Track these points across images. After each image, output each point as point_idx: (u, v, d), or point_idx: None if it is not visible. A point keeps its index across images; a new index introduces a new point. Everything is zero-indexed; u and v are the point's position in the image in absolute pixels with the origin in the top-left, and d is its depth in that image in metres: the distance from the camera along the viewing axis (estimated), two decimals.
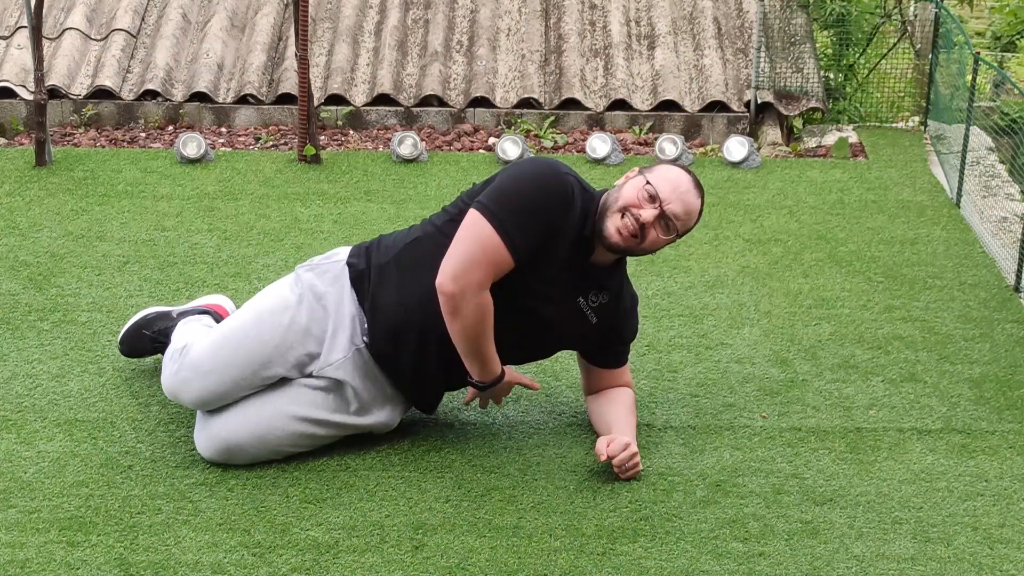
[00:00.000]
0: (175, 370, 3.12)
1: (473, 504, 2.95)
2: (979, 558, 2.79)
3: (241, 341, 3.06)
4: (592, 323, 3.13)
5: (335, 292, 3.09)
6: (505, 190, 2.93)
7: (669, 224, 2.99)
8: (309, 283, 3.11)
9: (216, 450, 3.06)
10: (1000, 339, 3.96)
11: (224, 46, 6.73)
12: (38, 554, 2.72)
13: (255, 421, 3.04)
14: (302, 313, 3.07)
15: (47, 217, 4.89)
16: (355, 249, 3.19)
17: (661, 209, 2.96)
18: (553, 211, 2.93)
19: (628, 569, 2.71)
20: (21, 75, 6.45)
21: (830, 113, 6.67)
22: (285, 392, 3.08)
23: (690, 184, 3.02)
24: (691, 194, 3.01)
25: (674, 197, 2.98)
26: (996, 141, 6.20)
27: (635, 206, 2.96)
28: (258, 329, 3.06)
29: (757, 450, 3.24)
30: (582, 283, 3.08)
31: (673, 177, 3.01)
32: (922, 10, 7.16)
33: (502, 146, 5.72)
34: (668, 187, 2.98)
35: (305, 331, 3.06)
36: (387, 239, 3.18)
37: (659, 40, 6.78)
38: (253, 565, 2.70)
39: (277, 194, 5.25)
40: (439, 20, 6.91)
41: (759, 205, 5.23)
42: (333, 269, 3.14)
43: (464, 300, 2.89)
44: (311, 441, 3.11)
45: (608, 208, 2.99)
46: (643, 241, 2.99)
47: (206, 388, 3.05)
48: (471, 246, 2.89)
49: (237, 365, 3.04)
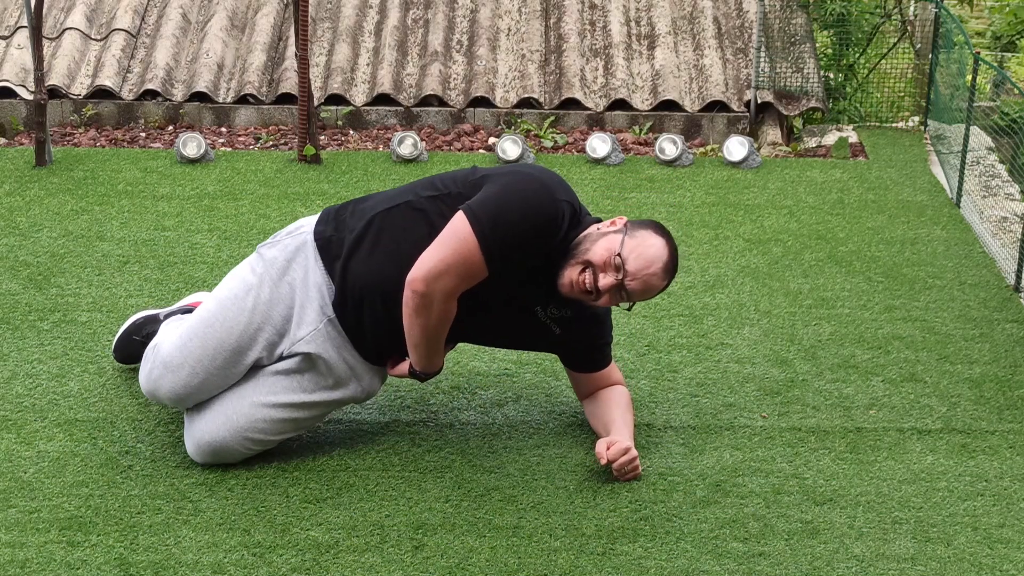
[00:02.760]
0: (148, 369, 3.09)
1: (473, 504, 2.95)
2: (979, 558, 2.79)
3: (207, 331, 3.02)
4: (555, 333, 3.11)
5: (300, 265, 3.04)
6: (499, 206, 2.87)
7: (622, 295, 2.94)
8: (271, 259, 3.05)
9: (203, 453, 3.05)
10: (1000, 339, 3.96)
11: (224, 46, 6.73)
12: (38, 554, 2.72)
13: (233, 418, 3.02)
14: (264, 292, 3.01)
15: (47, 217, 4.89)
16: (323, 215, 3.11)
17: (621, 282, 2.91)
18: (542, 241, 2.90)
19: (628, 569, 2.72)
20: (21, 75, 6.45)
21: (830, 113, 6.67)
22: (258, 383, 3.04)
23: (661, 267, 2.93)
24: (657, 277, 2.93)
25: (639, 276, 2.91)
26: (996, 141, 6.20)
27: (599, 267, 2.90)
28: (223, 316, 3.02)
29: (757, 450, 3.24)
30: (545, 296, 3.04)
31: (647, 255, 2.92)
32: (922, 10, 7.16)
33: (502, 146, 5.72)
34: (637, 265, 2.91)
35: (270, 310, 3.01)
36: (363, 203, 3.11)
37: (659, 40, 6.78)
38: (253, 565, 2.70)
39: (277, 194, 5.25)
40: (439, 20, 6.91)
41: (759, 205, 5.23)
42: (296, 241, 3.07)
43: (431, 302, 2.87)
44: (295, 425, 3.08)
45: (574, 256, 2.93)
46: (596, 300, 2.95)
47: (179, 383, 3.02)
48: (451, 253, 2.85)
49: (207, 355, 3.00)
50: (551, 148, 6.18)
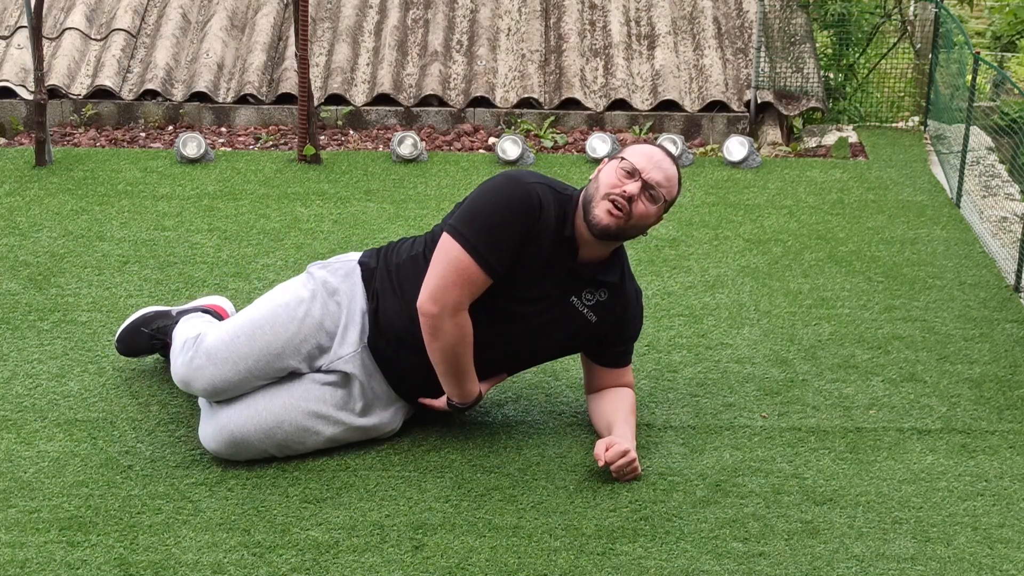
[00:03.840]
0: (189, 358, 3.14)
1: (473, 504, 2.95)
2: (979, 558, 2.79)
3: (256, 332, 3.11)
4: (591, 321, 3.14)
5: (347, 288, 3.17)
6: (472, 210, 3.02)
7: (653, 193, 3.04)
8: (322, 279, 3.19)
9: (223, 442, 3.07)
10: (1000, 339, 3.96)
11: (224, 46, 6.73)
12: (38, 554, 2.72)
13: (264, 414, 3.07)
14: (316, 307, 3.14)
15: (47, 217, 4.89)
16: (367, 252, 3.28)
17: (642, 179, 3.02)
18: (520, 221, 3.00)
19: (628, 569, 2.71)
20: (21, 75, 6.45)
21: (830, 113, 6.67)
22: (294, 386, 3.11)
23: (663, 154, 3.10)
24: (666, 161, 3.08)
25: (651, 166, 3.04)
26: (996, 141, 6.20)
27: (616, 186, 3.02)
28: (273, 321, 3.12)
29: (757, 450, 3.24)
30: (573, 283, 3.11)
31: (645, 150, 3.09)
32: (922, 10, 7.16)
33: (502, 146, 5.72)
34: (643, 159, 3.05)
35: (318, 324, 3.13)
36: (398, 245, 3.25)
37: (659, 40, 6.78)
38: (253, 565, 2.70)
39: (277, 194, 5.25)
40: (439, 20, 6.91)
41: (759, 205, 5.23)
42: (345, 267, 3.22)
43: (443, 320, 2.98)
44: (315, 439, 3.11)
45: (592, 199, 3.04)
46: (631, 216, 3.03)
47: (219, 376, 3.08)
48: (445, 268, 2.98)
49: (252, 355, 3.08)
50: (551, 148, 6.18)
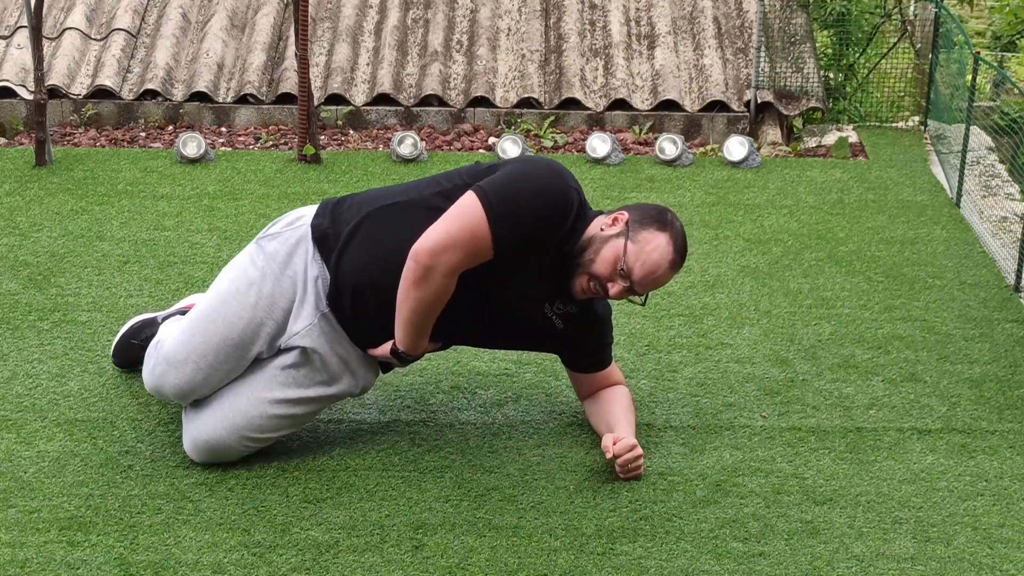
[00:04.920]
0: (151, 366, 3.10)
1: (473, 504, 2.95)
2: (979, 558, 2.79)
3: (209, 327, 3.02)
4: (557, 327, 3.11)
5: (300, 258, 3.03)
6: (509, 185, 2.87)
7: (632, 293, 2.99)
8: (272, 253, 3.05)
9: (201, 452, 3.05)
10: (1000, 339, 3.96)
11: (224, 46, 6.73)
12: (38, 554, 2.72)
13: (230, 415, 3.02)
14: (266, 287, 3.01)
15: (47, 217, 4.89)
16: (321, 207, 3.10)
17: (630, 287, 2.95)
18: (547, 221, 2.90)
19: (628, 569, 2.71)
20: (21, 75, 6.45)
21: (830, 113, 6.67)
22: (255, 379, 3.04)
23: (667, 267, 2.95)
24: (665, 277, 2.96)
25: (647, 282, 2.95)
26: (996, 141, 6.20)
27: (605, 279, 2.94)
28: (225, 311, 3.02)
29: (757, 450, 3.24)
30: (553, 292, 3.05)
31: (653, 262, 2.93)
32: (922, 10, 7.16)
33: (502, 146, 5.72)
34: (643, 272, 2.93)
35: (272, 305, 3.01)
36: (360, 197, 3.11)
37: (659, 40, 6.78)
38: (253, 565, 2.70)
39: (277, 194, 5.25)
40: (439, 20, 6.91)
41: (759, 205, 5.23)
42: (296, 234, 3.06)
43: (433, 276, 2.84)
44: (292, 422, 3.08)
45: (581, 262, 2.95)
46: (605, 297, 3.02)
47: (183, 378, 3.03)
48: (459, 227, 2.84)
49: (211, 350, 3.01)
50: (551, 148, 6.18)
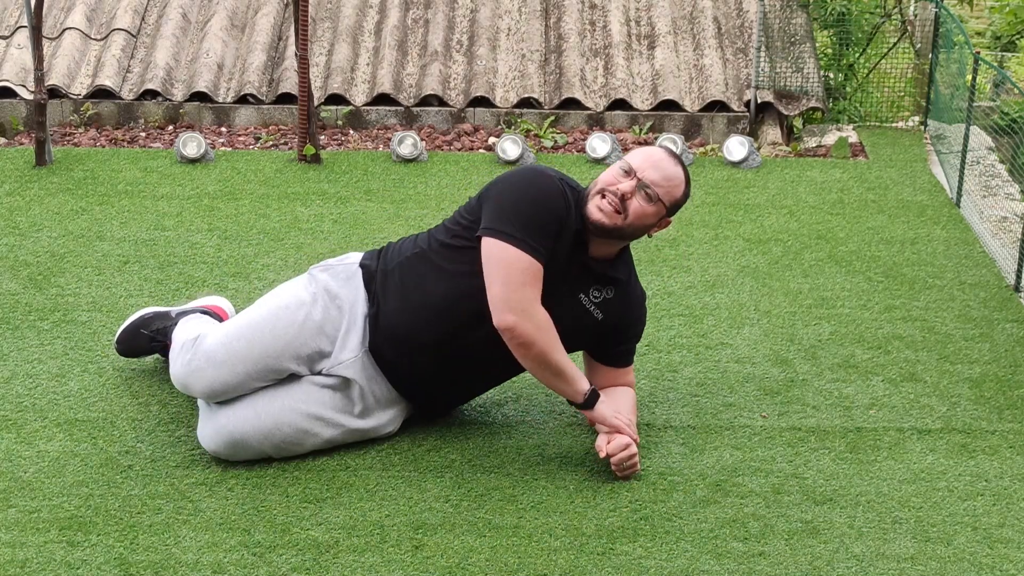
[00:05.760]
0: (188, 359, 3.13)
1: (473, 504, 2.95)
2: (979, 558, 2.79)
3: (255, 335, 3.09)
4: (597, 319, 3.14)
5: (349, 292, 3.14)
6: (505, 207, 2.98)
7: (649, 192, 3.03)
8: (324, 283, 3.16)
9: (221, 443, 3.07)
10: (1000, 339, 3.96)
11: (224, 46, 6.73)
12: (38, 554, 2.72)
13: (263, 415, 3.06)
14: (316, 311, 3.11)
15: (47, 217, 4.89)
16: (368, 253, 3.25)
17: (637, 178, 3.03)
18: (556, 210, 3.00)
19: (628, 569, 2.72)
20: (21, 75, 6.45)
21: (830, 113, 6.67)
22: (294, 388, 3.10)
23: (664, 154, 3.10)
24: (666, 162, 3.08)
25: (648, 165, 3.04)
26: (996, 141, 6.20)
27: (612, 183, 3.03)
28: (273, 324, 3.10)
29: (757, 450, 3.24)
30: (583, 279, 3.10)
31: (647, 151, 3.11)
32: (922, 10, 7.16)
33: (502, 146, 5.72)
34: (641, 158, 3.07)
35: (319, 329, 3.10)
36: (395, 245, 3.23)
37: (659, 40, 6.78)
38: (253, 565, 2.70)
39: (277, 194, 5.25)
40: (439, 20, 6.91)
41: (759, 205, 5.23)
42: (347, 270, 3.19)
43: (524, 326, 2.94)
44: (314, 441, 3.11)
45: (588, 193, 3.06)
46: (627, 215, 3.03)
47: (218, 378, 3.07)
48: (502, 272, 2.94)
49: (251, 358, 3.07)
50: (551, 148, 6.18)
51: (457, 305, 3.05)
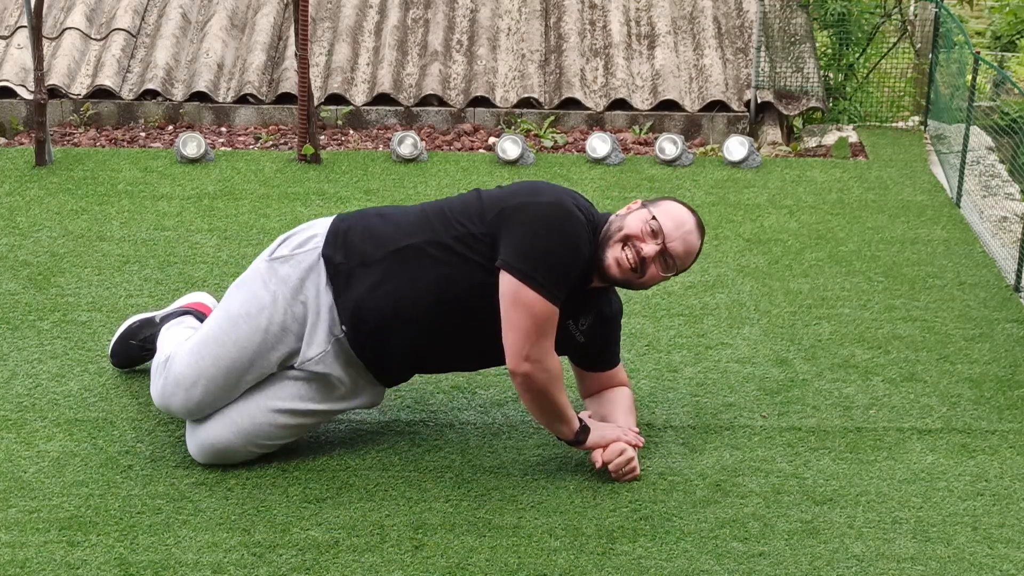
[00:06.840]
0: (161, 385, 3.08)
1: (473, 504, 2.95)
2: (979, 558, 2.79)
3: (219, 350, 3.00)
4: (579, 342, 3.12)
5: (312, 284, 3.01)
6: (537, 248, 2.86)
7: (668, 262, 2.98)
8: (284, 276, 3.02)
9: (207, 454, 3.06)
10: (1000, 339, 3.96)
11: (224, 46, 6.73)
12: (38, 554, 2.72)
13: (239, 421, 3.02)
14: (277, 313, 3.00)
15: (47, 217, 4.89)
16: (331, 234, 3.05)
17: (664, 245, 2.95)
18: (581, 259, 2.92)
19: (628, 569, 2.71)
20: (21, 75, 6.45)
21: (830, 113, 6.67)
22: (267, 387, 3.04)
23: (693, 224, 3.01)
24: (693, 234, 3.00)
25: (677, 235, 2.97)
26: (996, 141, 6.20)
27: (638, 238, 2.95)
28: (235, 334, 3.00)
29: (757, 450, 3.24)
30: (575, 308, 3.05)
31: (677, 215, 3.00)
32: (922, 10, 7.15)
33: (502, 146, 5.72)
34: (672, 224, 2.97)
35: (282, 330, 3.00)
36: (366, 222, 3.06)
37: (659, 40, 6.78)
38: (253, 565, 2.70)
39: (277, 194, 5.25)
40: (439, 20, 6.91)
41: (759, 205, 5.23)
42: (309, 258, 3.03)
43: (540, 374, 2.90)
44: (299, 431, 3.09)
45: (610, 237, 2.97)
46: (642, 275, 2.98)
47: (192, 399, 3.03)
48: (525, 321, 2.86)
49: (220, 374, 3.00)
50: (551, 148, 6.18)
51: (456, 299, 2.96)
